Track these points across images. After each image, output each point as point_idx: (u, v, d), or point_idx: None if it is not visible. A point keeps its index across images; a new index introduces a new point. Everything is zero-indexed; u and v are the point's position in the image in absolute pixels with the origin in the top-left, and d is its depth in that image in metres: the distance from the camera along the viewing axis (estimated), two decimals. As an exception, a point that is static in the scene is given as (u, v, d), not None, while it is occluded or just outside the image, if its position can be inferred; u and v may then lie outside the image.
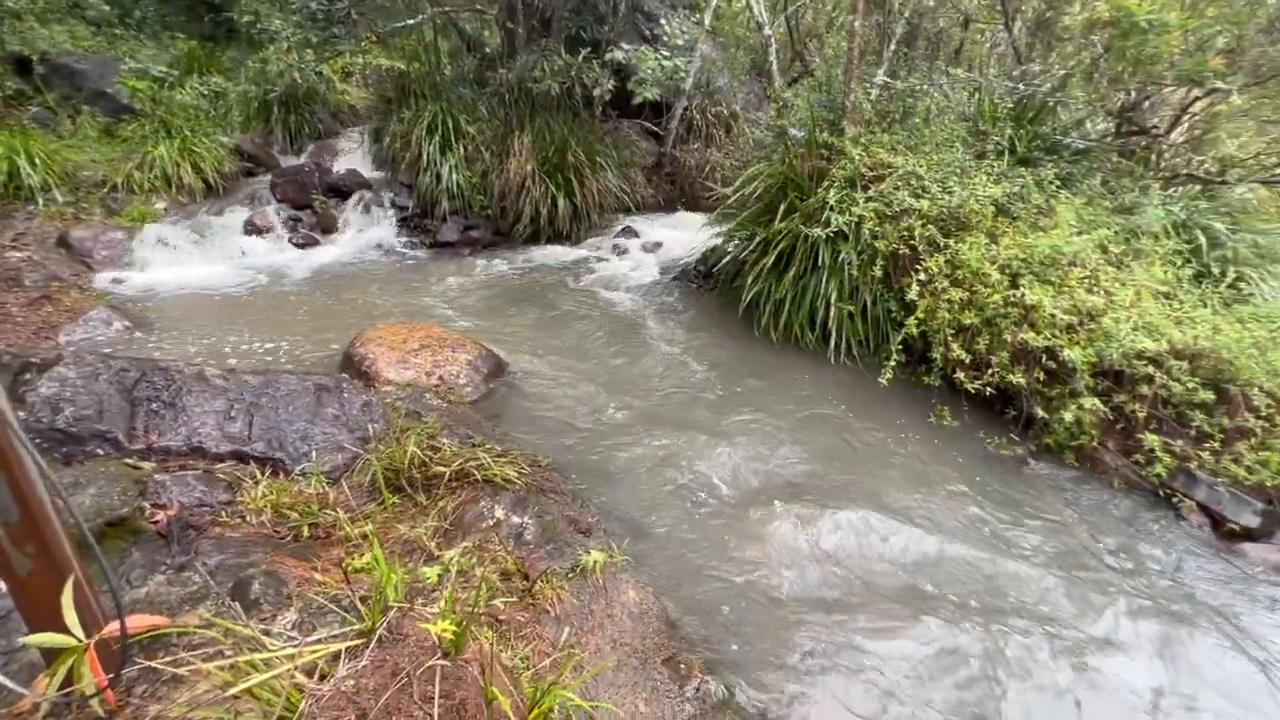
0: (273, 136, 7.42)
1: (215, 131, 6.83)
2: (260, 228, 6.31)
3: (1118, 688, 2.13)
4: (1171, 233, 4.33)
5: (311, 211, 6.64)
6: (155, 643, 1.61)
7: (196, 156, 6.42)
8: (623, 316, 5.26)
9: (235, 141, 6.97)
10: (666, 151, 8.38)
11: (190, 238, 5.90)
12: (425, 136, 6.76)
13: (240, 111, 7.38)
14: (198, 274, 5.58)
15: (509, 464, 2.86)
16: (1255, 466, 2.97)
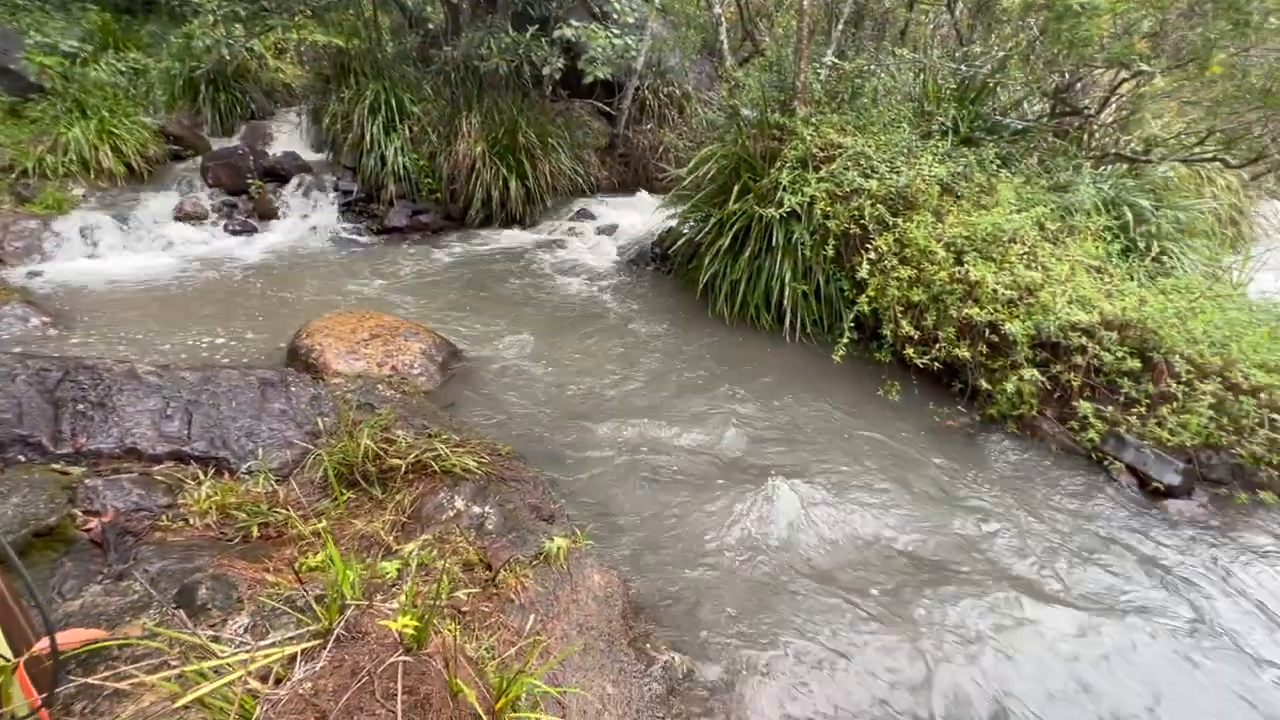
0: (201, 117, 6.99)
1: (137, 112, 6.38)
2: (192, 214, 5.96)
3: (1054, 636, 2.26)
4: (1102, 210, 4.55)
5: (247, 197, 6.31)
6: (95, 657, 1.53)
7: (117, 139, 6.00)
8: (580, 301, 5.22)
9: (160, 123, 6.54)
10: (619, 132, 8.29)
11: (114, 226, 5.53)
12: (367, 117, 6.49)
13: (164, 90, 6.91)
14: (124, 265, 5.24)
15: (468, 454, 2.81)
16: (1176, 429, 3.17)
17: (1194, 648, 2.27)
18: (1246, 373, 3.23)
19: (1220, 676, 2.18)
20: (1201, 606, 2.46)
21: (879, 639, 2.23)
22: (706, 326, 4.70)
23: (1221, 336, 3.41)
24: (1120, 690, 2.10)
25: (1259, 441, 3.06)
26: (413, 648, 1.42)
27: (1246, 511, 2.98)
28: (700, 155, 5.13)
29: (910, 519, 2.84)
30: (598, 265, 6.00)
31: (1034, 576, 2.57)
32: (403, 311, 4.70)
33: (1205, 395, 3.20)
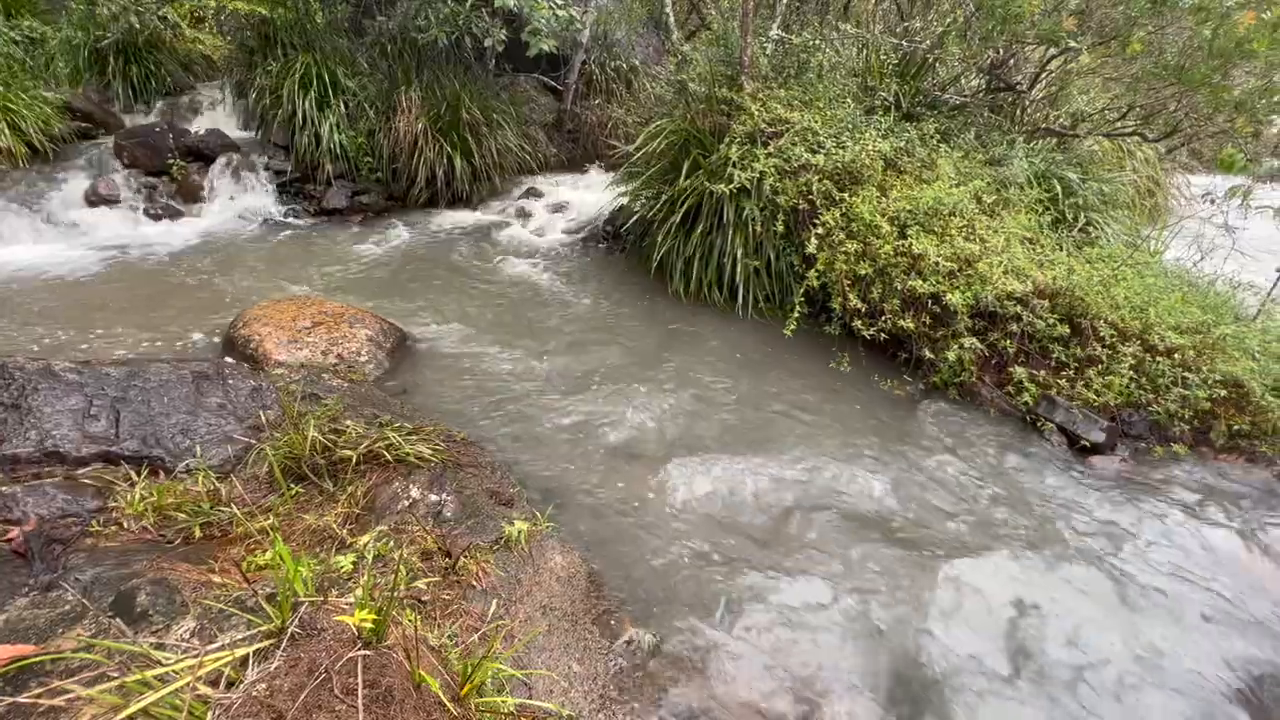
0: (111, 92, 6.46)
1: (36, 86, 5.84)
2: (106, 198, 5.54)
3: (988, 585, 2.41)
4: (1034, 183, 4.75)
5: (169, 178, 5.90)
6: (25, 674, 1.44)
7: (14, 115, 5.49)
8: (531, 282, 5.14)
9: (64, 98, 6.01)
10: (567, 108, 8.11)
11: (16, 212, 5.09)
12: (298, 92, 6.13)
13: (66, 62, 6.34)
14: (29, 255, 4.85)
15: (422, 441, 2.75)
16: (1101, 390, 3.39)
17: (1113, 585, 2.46)
18: (1162, 335, 3.46)
19: (1133, 607, 2.37)
20: (1121, 549, 2.66)
21: (836, 597, 2.32)
22: (660, 304, 4.71)
23: (1141, 302, 3.64)
24: (1045, 627, 2.26)
25: (1173, 399, 3.30)
26: (372, 641, 1.39)
27: (1162, 463, 3.22)
28: (649, 131, 5.07)
29: (860, 484, 2.95)
30: (549, 245, 5.90)
31: (972, 530, 2.72)
32: (346, 297, 4.52)
33: (1126, 357, 3.42)
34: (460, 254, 5.65)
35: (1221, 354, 3.41)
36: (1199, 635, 2.32)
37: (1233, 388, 3.28)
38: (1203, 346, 3.44)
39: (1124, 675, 2.16)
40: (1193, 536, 2.75)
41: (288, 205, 6.24)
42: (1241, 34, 4.12)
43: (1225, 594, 2.50)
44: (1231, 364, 3.33)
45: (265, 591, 1.68)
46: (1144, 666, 2.20)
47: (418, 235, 6.05)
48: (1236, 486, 3.06)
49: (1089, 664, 2.18)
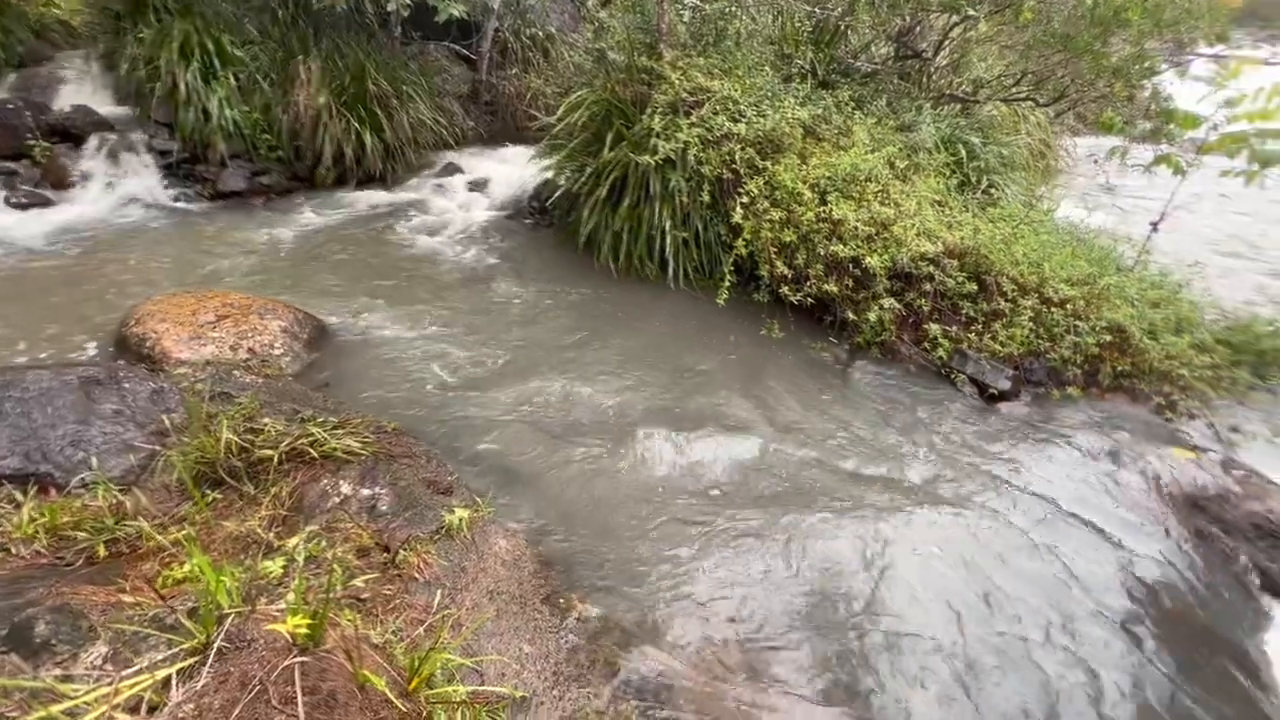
0: (-52, 64, 5.65)
1: None
2: (-45, 186, 4.88)
3: (910, 526, 2.58)
4: (941, 147, 4.98)
5: (31, 162, 5.26)
6: (-97, 724, 1.29)
7: None
8: (456, 262, 4.96)
9: (-113, 70, 5.20)
10: (482, 78, 7.78)
11: None
12: (178, 62, 5.56)
13: (-114, 28, 5.48)
14: None
15: (349, 435, 2.63)
16: (1006, 341, 3.65)
17: (1020, 514, 2.69)
18: (1056, 288, 3.75)
19: (1038, 527, 2.60)
20: (1025, 481, 2.90)
21: (773, 555, 2.42)
22: (591, 280, 4.66)
23: (1037, 258, 3.92)
24: (966, 552, 2.45)
25: (1067, 346, 3.59)
26: (309, 646, 1.33)
27: (1059, 405, 3.52)
28: (569, 102, 4.95)
29: (791, 444, 3.06)
30: (472, 223, 5.70)
31: (895, 478, 2.89)
32: (254, 287, 4.21)
33: (1026, 310, 3.69)
34: (377, 236, 5.37)
35: (1106, 303, 3.73)
36: (1089, 541, 2.58)
37: (1116, 333, 3.61)
38: (1090, 297, 3.75)
39: (1036, 575, 2.37)
40: (1084, 466, 3.04)
41: (177, 189, 5.70)
42: (1119, 3, 4.43)
43: (1109, 509, 2.79)
44: (1114, 311, 3.66)
45: (186, 607, 1.57)
46: (1047, 569, 2.43)
47: (329, 217, 5.69)
48: (1120, 421, 3.39)
49: (1004, 574, 2.38)
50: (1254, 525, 2.76)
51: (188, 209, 5.57)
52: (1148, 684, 2.15)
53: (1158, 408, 3.48)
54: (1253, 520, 2.77)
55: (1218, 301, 4.21)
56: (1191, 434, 3.35)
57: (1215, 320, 4.03)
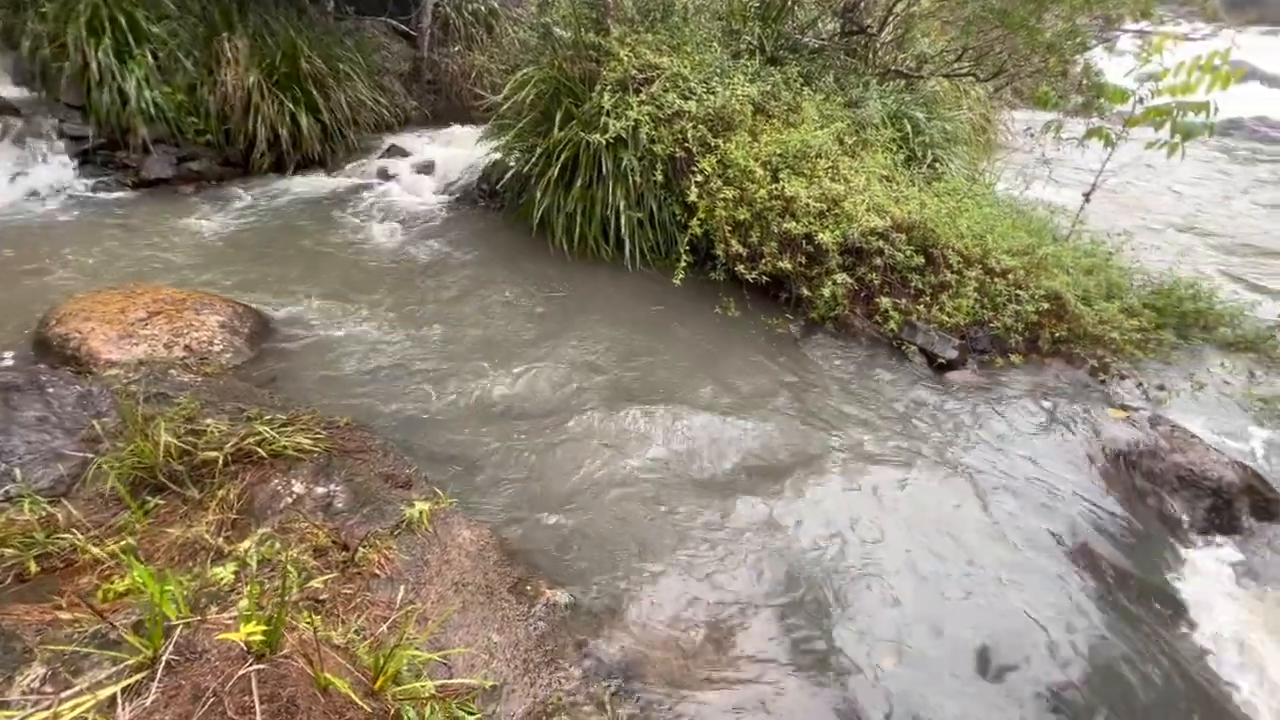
0: None
1: None
2: None
3: (870, 489, 2.67)
4: (887, 123, 5.06)
5: (-76, 151, 4.81)
6: None
7: None
8: (404, 249, 4.80)
9: None
10: (424, 56, 7.49)
11: None
12: (88, 40, 5.15)
13: None
14: None
15: (299, 432, 2.54)
16: (952, 312, 3.77)
17: (966, 473, 2.81)
18: (999, 259, 3.89)
19: (983, 486, 2.73)
20: (971, 444, 3.03)
21: (736, 528, 2.46)
22: (546, 263, 4.59)
23: (980, 230, 4.05)
24: (916, 510, 2.55)
25: (1009, 315, 3.74)
26: (265, 653, 1.29)
27: (1003, 371, 3.67)
28: (516, 80, 4.81)
29: (751, 420, 3.11)
30: (419, 208, 5.52)
31: (851, 448, 2.97)
32: (188, 281, 3.99)
33: (971, 281, 3.81)
34: (319, 223, 5.14)
35: (1044, 272, 3.89)
36: (1031, 498, 2.72)
37: (1053, 301, 3.77)
38: (1030, 267, 3.91)
39: (985, 530, 2.49)
40: (1026, 428, 3.19)
41: (95, 178, 5.33)
42: (1051, -21, 4.56)
43: (1049, 468, 2.94)
44: (1052, 280, 3.82)
45: (129, 621, 1.50)
46: (995, 525, 2.55)
47: (266, 205, 5.42)
48: (1058, 384, 3.56)
49: (955, 529, 2.49)
50: (1178, 477, 2.96)
51: (109, 199, 5.21)
52: (1082, 625, 2.29)
53: (1092, 370, 3.67)
54: (1177, 472, 2.97)
55: (1144, 267, 4.44)
56: (1122, 394, 3.55)
57: (1142, 285, 4.26)
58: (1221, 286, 4.44)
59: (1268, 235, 6.22)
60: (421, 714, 1.48)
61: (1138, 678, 2.17)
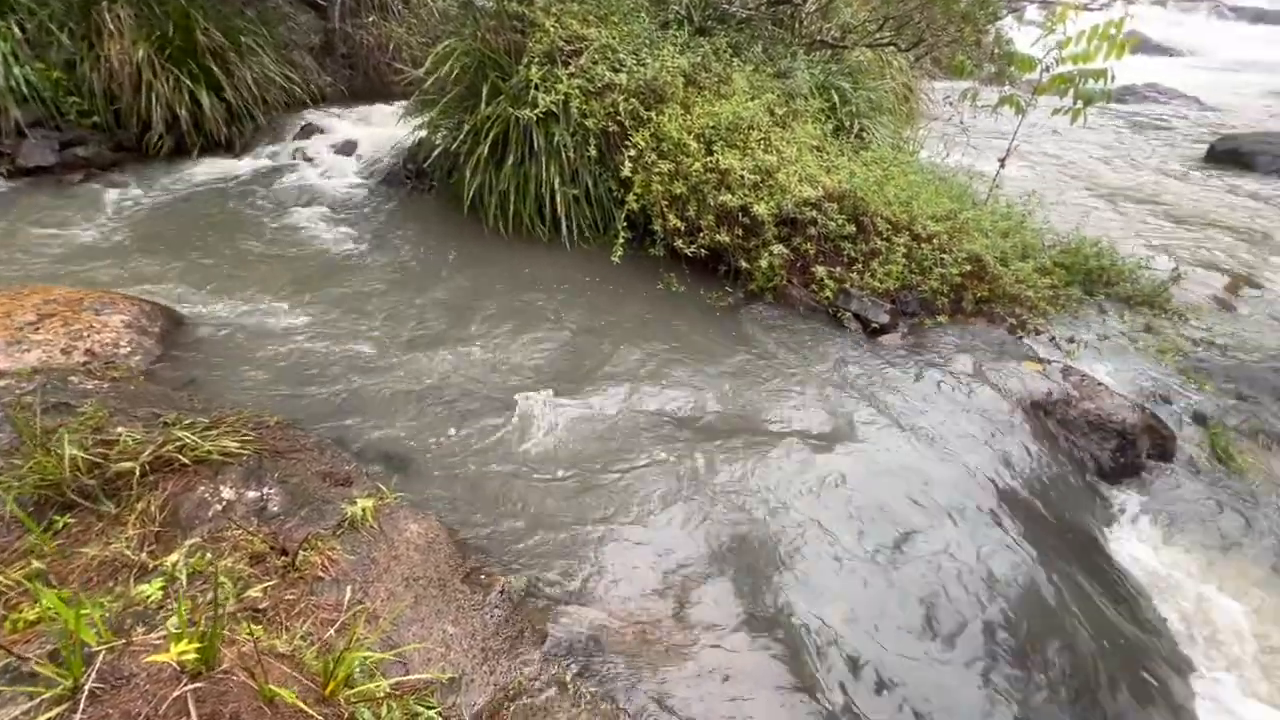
0: None
1: None
2: None
3: (808, 454, 2.77)
4: (815, 93, 5.14)
5: None
6: None
7: None
8: (328, 236, 4.56)
9: None
10: (335, 27, 7.03)
11: None
12: (-63, 9, 4.56)
13: None
14: None
15: (225, 434, 2.39)
16: (883, 277, 3.91)
17: (899, 429, 2.95)
18: (924, 224, 4.04)
19: (914, 439, 2.88)
20: (903, 401, 3.18)
21: (686, 500, 2.50)
22: (480, 245, 4.45)
23: (906, 197, 4.19)
24: (853, 466, 2.67)
25: (935, 278, 3.91)
26: (202, 671, 1.22)
27: (931, 332, 3.84)
28: (437, 53, 4.59)
29: (695, 392, 3.15)
30: (342, 191, 5.23)
31: (792, 413, 3.06)
32: (83, 279, 3.66)
33: (900, 247, 3.96)
34: (232, 212, 4.80)
35: (966, 235, 4.08)
36: (961, 449, 2.89)
37: (975, 263, 3.97)
38: (953, 231, 4.09)
39: (919, 481, 2.64)
40: (953, 384, 3.37)
41: (-38, 167, 4.77)
42: (964, -51, 4.69)
43: (975, 420, 3.13)
44: (973, 243, 4.01)
45: (44, 651, 1.38)
46: (928, 476, 2.70)
47: (167, 192, 5.01)
48: (981, 342, 3.77)
49: (891, 484, 2.62)
50: (1088, 422, 3.21)
51: (-20, 190, 4.69)
52: (1009, 562, 2.47)
53: (1011, 327, 3.90)
54: (1087, 418, 3.22)
55: (1054, 228, 4.73)
56: (1038, 348, 3.79)
57: (1053, 245, 4.54)
58: (1121, 244, 4.79)
59: (1161, 194, 6.74)
60: (378, 714, 1.44)
61: (1061, 608, 2.36)
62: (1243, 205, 6.50)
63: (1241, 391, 3.62)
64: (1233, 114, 10.09)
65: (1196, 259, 5.15)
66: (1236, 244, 5.63)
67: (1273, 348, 4.07)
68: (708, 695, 1.90)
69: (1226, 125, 9.21)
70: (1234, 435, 3.30)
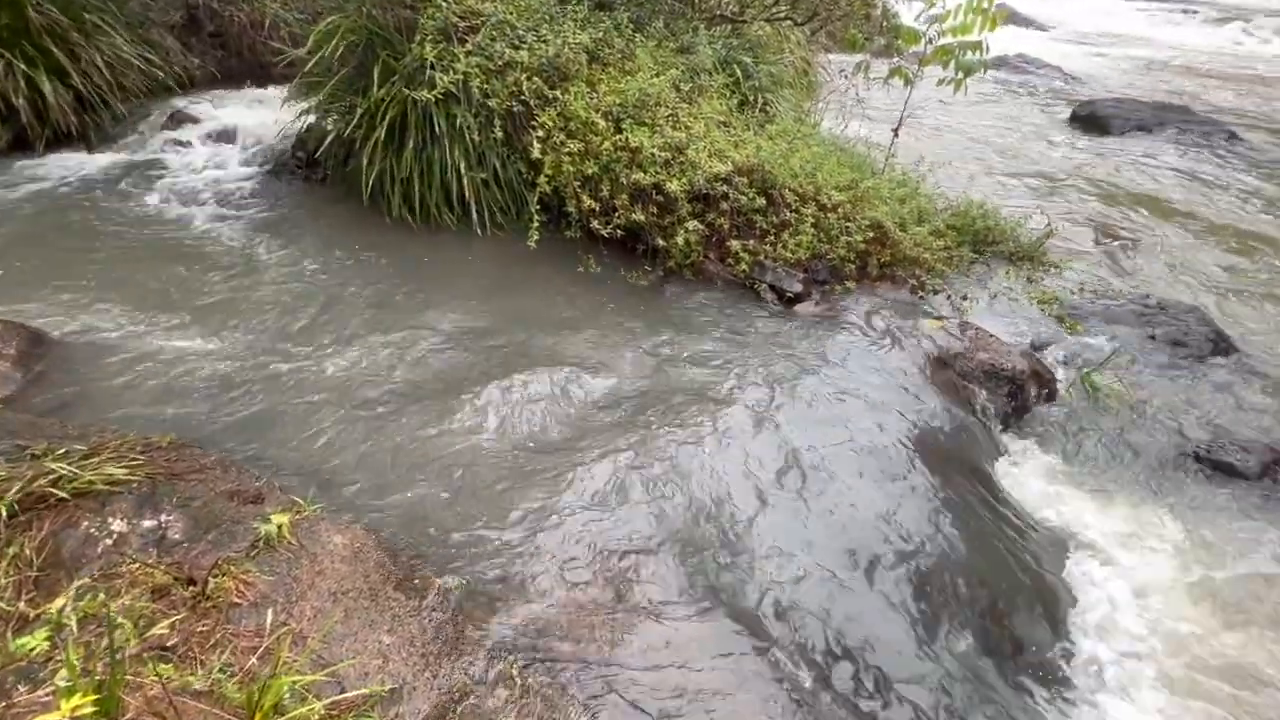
0: None
1: None
2: None
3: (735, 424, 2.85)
4: (719, 69, 5.19)
5: None
6: None
7: None
8: (211, 234, 4.18)
9: None
10: (199, 2, 6.38)
11: None
12: None
13: None
14: None
15: (109, 461, 2.16)
16: (795, 248, 4.04)
17: (820, 389, 3.09)
18: (829, 195, 4.20)
19: (831, 398, 3.03)
20: (820, 368, 3.33)
21: (620, 482, 2.52)
22: (385, 237, 4.23)
23: (811, 169, 4.33)
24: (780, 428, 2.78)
25: (842, 246, 4.08)
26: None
27: (841, 297, 4.02)
28: (320, 31, 4.27)
29: (620, 373, 3.15)
30: (224, 185, 4.80)
31: (717, 384, 3.11)
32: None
33: (808, 218, 4.10)
34: (93, 212, 4.30)
35: (867, 203, 4.28)
36: (873, 404, 3.07)
37: (877, 229, 4.17)
38: (855, 199, 4.27)
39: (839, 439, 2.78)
40: (863, 345, 3.55)
41: None
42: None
43: (885, 377, 3.32)
44: (874, 210, 4.21)
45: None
46: (847, 433, 2.86)
47: (10, 194, 4.42)
48: (887, 304, 3.99)
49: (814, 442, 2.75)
50: (984, 371, 3.48)
51: None
52: (922, 501, 2.68)
53: (912, 288, 4.15)
54: (983, 368, 3.49)
55: (944, 193, 5.05)
56: (936, 306, 4.06)
57: (944, 209, 4.85)
58: (1003, 204, 5.18)
59: (1034, 156, 7.34)
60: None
61: (965, 538, 2.57)
62: (1101, 164, 7.19)
63: (1108, 332, 4.04)
64: (1091, 81, 11.11)
65: (1065, 214, 5.66)
66: (1098, 198, 6.24)
67: (1130, 291, 4.57)
68: (657, 667, 1.93)
69: (1084, 92, 10.12)
70: (1102, 373, 3.69)
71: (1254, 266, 5.20)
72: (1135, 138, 8.05)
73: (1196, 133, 8.03)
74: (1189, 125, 8.20)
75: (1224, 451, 3.23)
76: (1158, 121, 8.28)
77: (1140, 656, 2.42)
